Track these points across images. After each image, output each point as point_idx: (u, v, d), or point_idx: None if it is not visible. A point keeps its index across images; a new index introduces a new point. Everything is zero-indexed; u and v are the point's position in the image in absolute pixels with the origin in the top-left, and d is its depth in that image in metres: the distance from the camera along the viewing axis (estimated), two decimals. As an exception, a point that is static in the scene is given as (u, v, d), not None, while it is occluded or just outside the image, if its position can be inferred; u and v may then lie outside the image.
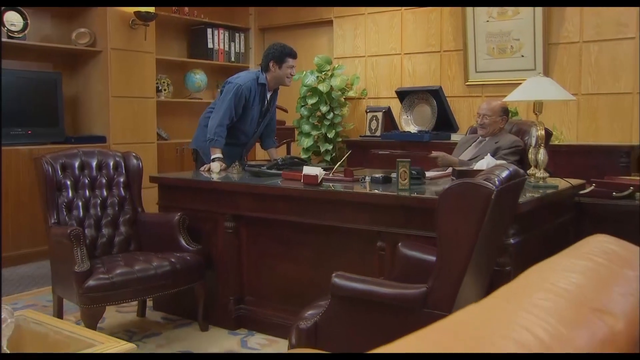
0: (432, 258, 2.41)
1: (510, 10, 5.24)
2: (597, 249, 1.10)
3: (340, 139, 6.05)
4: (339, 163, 3.33)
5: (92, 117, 5.62)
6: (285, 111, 5.91)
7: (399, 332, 0.78)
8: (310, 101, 5.91)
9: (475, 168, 2.84)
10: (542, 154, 2.98)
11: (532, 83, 3.04)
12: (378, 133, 5.83)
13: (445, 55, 5.75)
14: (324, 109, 5.90)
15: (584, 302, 0.84)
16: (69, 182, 3.30)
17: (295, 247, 3.19)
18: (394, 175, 3.11)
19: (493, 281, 2.31)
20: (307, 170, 3.06)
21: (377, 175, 3.12)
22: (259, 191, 3.17)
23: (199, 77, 6.57)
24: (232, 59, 6.93)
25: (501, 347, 0.70)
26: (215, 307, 3.40)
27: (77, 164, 3.37)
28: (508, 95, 3.18)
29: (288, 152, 5.81)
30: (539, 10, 5.08)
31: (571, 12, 5.02)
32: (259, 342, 3.18)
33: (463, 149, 3.86)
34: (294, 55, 4.05)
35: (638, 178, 3.54)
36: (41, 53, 5.42)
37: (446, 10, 5.68)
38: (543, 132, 3.01)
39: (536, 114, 3.05)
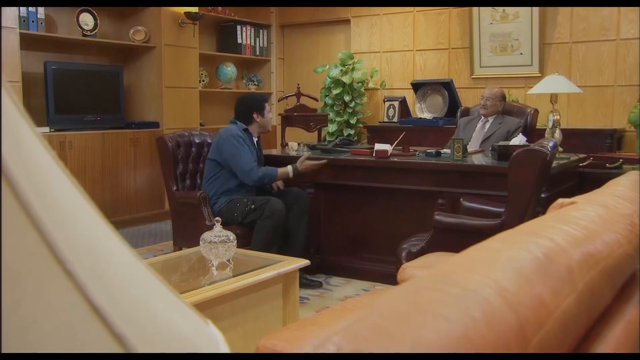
0: (487, 207, 3.33)
1: (511, 14, 6.18)
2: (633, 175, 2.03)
3: (361, 125, 6.93)
4: (396, 142, 4.18)
5: (147, 105, 6.37)
6: (316, 100, 6.75)
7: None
8: (335, 91, 6.78)
9: (511, 144, 3.75)
10: (557, 133, 3.91)
11: (550, 79, 3.97)
12: (395, 119, 6.72)
13: (453, 52, 6.67)
14: (347, 98, 6.77)
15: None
16: (180, 157, 4.11)
17: (365, 207, 4.07)
18: (443, 150, 4.02)
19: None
20: (379, 146, 3.93)
21: (430, 150, 4.01)
22: (341, 163, 4.04)
23: (230, 69, 7.37)
24: (257, 52, 7.73)
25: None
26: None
27: (185, 142, 4.17)
28: (533, 87, 4.12)
29: (319, 136, 6.65)
30: (535, 14, 6.03)
31: (563, 17, 5.99)
32: (338, 282, 4.06)
33: (468, 129, 4.69)
34: (267, 99, 4.18)
35: (624, 154, 4.51)
36: (102, 48, 6.15)
37: (454, 12, 6.59)
38: (559, 117, 3.94)
39: (552, 103, 3.99)
